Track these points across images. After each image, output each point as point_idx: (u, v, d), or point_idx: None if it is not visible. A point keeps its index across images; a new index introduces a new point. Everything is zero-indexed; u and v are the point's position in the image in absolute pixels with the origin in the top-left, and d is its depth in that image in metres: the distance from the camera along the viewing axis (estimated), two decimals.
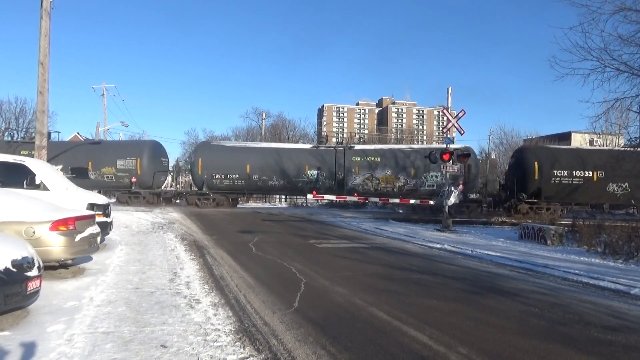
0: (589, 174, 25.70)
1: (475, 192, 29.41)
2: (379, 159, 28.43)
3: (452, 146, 20.57)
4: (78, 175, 28.60)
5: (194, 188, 31.21)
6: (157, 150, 31.04)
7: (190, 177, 33.61)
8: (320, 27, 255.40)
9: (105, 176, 29.01)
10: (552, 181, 25.72)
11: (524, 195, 26.04)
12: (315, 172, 28.62)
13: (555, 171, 25.81)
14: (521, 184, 26.22)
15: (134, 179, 28.76)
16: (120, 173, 28.95)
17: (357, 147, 30.58)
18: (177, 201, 31.32)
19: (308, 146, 31.32)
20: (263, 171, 28.52)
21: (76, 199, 10.75)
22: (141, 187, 28.98)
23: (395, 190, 28.30)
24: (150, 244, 12.32)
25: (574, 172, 25.72)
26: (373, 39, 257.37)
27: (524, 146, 31.35)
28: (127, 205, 27.90)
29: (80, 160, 29.02)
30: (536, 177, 26.01)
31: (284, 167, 28.74)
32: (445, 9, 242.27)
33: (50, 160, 28.05)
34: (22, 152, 28.52)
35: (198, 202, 28.88)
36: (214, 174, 28.51)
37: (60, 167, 28.59)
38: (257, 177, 28.58)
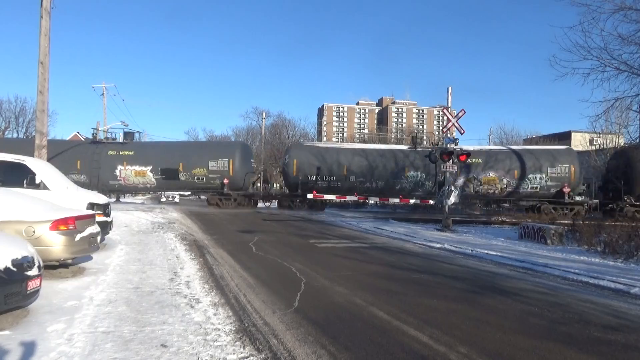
0: None
1: (579, 194, 28.53)
2: (480, 160, 27.89)
3: (550, 147, 20.10)
4: (168, 177, 28.53)
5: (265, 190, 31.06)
6: (247, 151, 30.66)
7: (282, 179, 32.65)
8: (320, 27, 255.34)
9: (196, 177, 28.64)
10: None
11: (631, 198, 25.58)
12: (416, 173, 28.09)
13: None
14: (627, 187, 25.68)
15: (226, 181, 28.19)
16: (212, 174, 28.47)
17: (460, 147, 30.03)
18: (268, 204, 30.60)
19: (405, 147, 30.50)
20: (360, 173, 27.90)
21: (76, 199, 10.75)
22: (232, 188, 28.53)
23: (496, 192, 27.96)
24: (150, 244, 12.32)
25: None
26: (373, 39, 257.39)
27: (627, 148, 30.73)
28: (217, 208, 27.49)
29: (171, 161, 28.68)
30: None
31: (383, 169, 28.02)
32: (445, 8, 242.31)
33: (139, 160, 28.14)
34: (109, 153, 28.70)
35: (291, 204, 28.49)
36: (309, 176, 27.98)
37: (149, 167, 28.49)
38: (354, 179, 28.00)
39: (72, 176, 26.02)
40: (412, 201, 27.55)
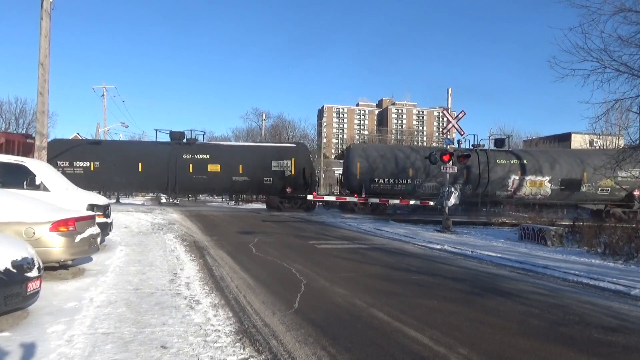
0: None
1: None
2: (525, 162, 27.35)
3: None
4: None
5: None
6: (307, 152, 30.29)
7: (343, 181, 31.54)
8: (319, 28, 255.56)
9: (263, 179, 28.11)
10: None
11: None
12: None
13: None
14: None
15: (289, 190, 27.74)
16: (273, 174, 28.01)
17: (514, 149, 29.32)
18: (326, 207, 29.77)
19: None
20: (426, 175, 27.26)
21: (76, 200, 10.74)
22: (295, 191, 28.20)
23: (544, 196, 27.38)
24: (150, 245, 12.31)
25: None
26: (373, 40, 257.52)
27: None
28: (279, 212, 27.06)
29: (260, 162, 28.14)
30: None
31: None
32: (445, 9, 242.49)
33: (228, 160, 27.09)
34: (184, 157, 27.88)
35: (355, 207, 28.06)
36: (375, 178, 27.40)
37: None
38: (419, 182, 27.43)
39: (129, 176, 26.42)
40: (412, 202, 27.44)
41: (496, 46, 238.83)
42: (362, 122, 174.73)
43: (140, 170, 27.89)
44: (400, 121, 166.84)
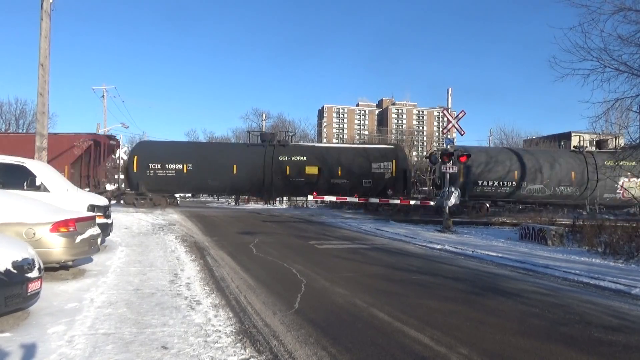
0: None
1: None
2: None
3: None
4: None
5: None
6: (405, 154, 29.92)
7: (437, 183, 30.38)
8: (319, 28, 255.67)
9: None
10: None
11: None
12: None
13: None
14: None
15: (390, 192, 27.21)
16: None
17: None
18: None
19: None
20: (531, 177, 26.65)
21: (77, 200, 10.75)
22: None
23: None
24: (150, 245, 12.31)
25: None
26: (372, 40, 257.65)
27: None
28: (375, 215, 26.53)
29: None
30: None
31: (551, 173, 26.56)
32: (444, 9, 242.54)
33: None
34: (280, 159, 27.46)
35: (458, 210, 27.13)
36: (479, 181, 26.57)
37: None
38: (525, 184, 26.73)
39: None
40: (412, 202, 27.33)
41: (496, 46, 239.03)
42: (362, 122, 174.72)
43: (234, 172, 27.46)
44: (400, 121, 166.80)
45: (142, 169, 27.55)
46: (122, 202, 28.60)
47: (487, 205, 27.42)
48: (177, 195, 30.77)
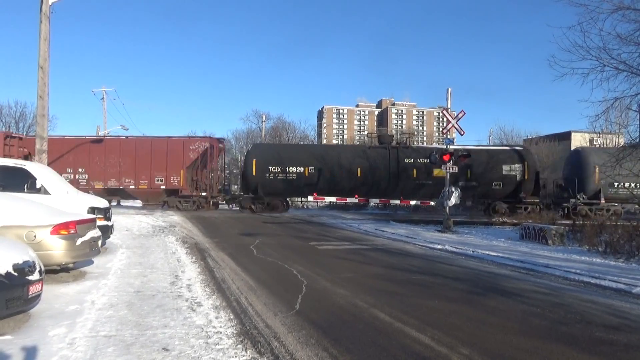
0: None
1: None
2: None
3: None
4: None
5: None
6: (534, 156, 29.37)
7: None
8: (317, 29, 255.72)
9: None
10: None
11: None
12: None
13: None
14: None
15: (523, 195, 26.55)
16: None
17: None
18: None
19: None
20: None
21: (77, 203, 10.75)
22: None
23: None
24: (151, 247, 12.32)
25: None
26: (371, 40, 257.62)
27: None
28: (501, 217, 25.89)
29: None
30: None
31: None
32: (443, 9, 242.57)
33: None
34: (405, 161, 26.70)
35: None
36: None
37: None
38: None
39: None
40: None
41: (495, 45, 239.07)
42: (362, 122, 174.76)
43: (359, 175, 26.89)
44: (400, 121, 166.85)
45: (262, 172, 26.96)
46: (232, 206, 28.28)
47: None
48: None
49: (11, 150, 25.03)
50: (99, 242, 8.71)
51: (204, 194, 27.21)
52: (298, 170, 27.03)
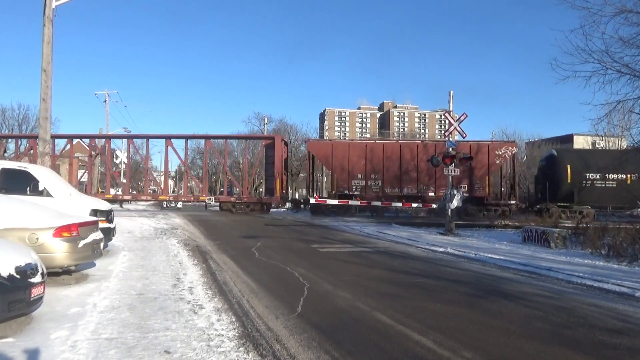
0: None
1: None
2: None
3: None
4: None
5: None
6: None
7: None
8: (319, 31, 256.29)
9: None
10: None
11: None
12: None
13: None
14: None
15: None
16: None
17: None
18: None
19: None
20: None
21: (79, 205, 10.77)
22: None
23: None
24: (153, 250, 12.32)
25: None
26: (373, 42, 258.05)
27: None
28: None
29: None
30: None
31: None
32: (446, 11, 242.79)
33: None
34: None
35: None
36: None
37: None
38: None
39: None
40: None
41: (497, 48, 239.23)
42: (363, 125, 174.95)
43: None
44: (402, 124, 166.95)
45: (578, 179, 25.75)
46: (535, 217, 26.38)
47: None
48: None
49: None
50: (101, 245, 8.72)
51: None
52: (619, 177, 25.36)
